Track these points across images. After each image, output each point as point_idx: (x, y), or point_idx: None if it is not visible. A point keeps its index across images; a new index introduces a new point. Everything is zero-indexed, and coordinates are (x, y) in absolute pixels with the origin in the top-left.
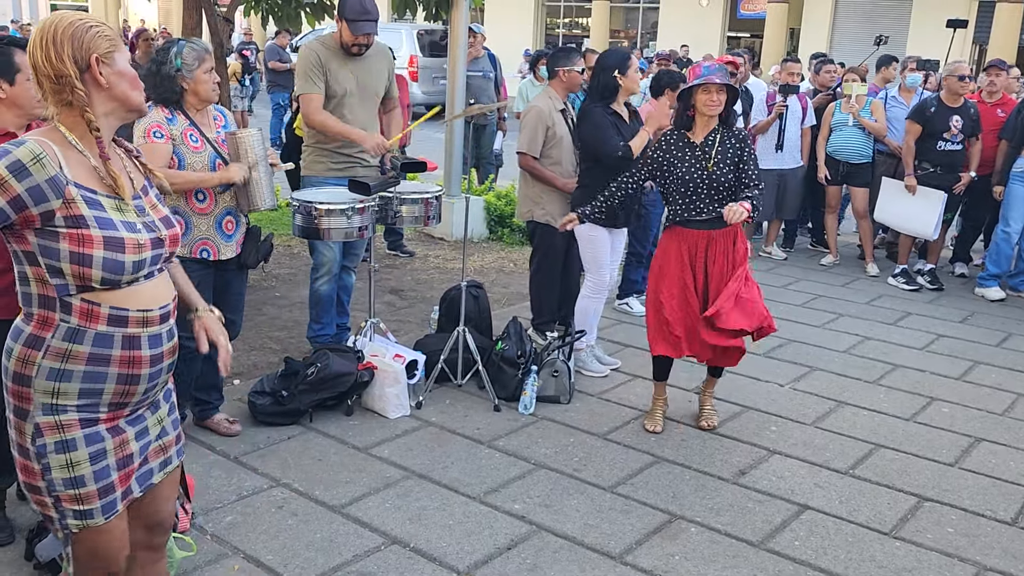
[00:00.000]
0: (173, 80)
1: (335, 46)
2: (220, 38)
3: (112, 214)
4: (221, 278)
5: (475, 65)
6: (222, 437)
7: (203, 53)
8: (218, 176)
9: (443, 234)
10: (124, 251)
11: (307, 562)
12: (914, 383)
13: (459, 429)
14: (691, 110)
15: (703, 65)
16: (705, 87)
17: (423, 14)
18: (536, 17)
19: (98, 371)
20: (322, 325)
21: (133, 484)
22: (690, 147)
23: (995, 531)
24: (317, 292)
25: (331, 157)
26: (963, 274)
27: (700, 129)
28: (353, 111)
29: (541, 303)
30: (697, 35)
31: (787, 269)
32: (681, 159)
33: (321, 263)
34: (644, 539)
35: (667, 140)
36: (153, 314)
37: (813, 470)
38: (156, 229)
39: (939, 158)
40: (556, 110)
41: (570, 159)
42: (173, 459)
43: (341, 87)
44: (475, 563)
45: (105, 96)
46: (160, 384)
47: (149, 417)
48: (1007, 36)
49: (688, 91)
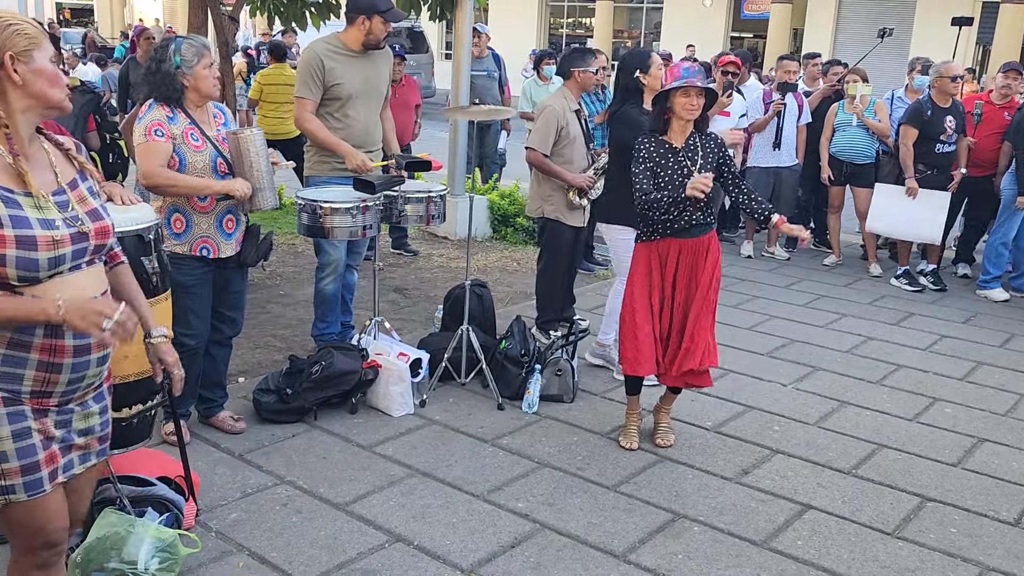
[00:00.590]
0: (173, 77)
1: (342, 47)
2: (225, 36)
3: (29, 212)
4: (221, 276)
5: (479, 65)
6: (227, 434)
7: (202, 49)
8: (221, 186)
9: (447, 233)
10: (37, 249)
11: (311, 560)
12: (917, 383)
13: (463, 427)
14: (667, 113)
15: (682, 67)
16: (684, 90)
17: (427, 14)
18: (540, 17)
19: (18, 356)
20: (327, 324)
21: (60, 468)
22: (672, 152)
23: (998, 531)
24: (323, 291)
25: (335, 157)
26: (966, 275)
27: (678, 133)
28: (358, 112)
29: (546, 301)
30: (701, 35)
31: (790, 269)
32: (665, 166)
33: (327, 262)
34: (647, 538)
35: (647, 147)
36: None
37: (816, 470)
38: (79, 223)
39: (937, 160)
40: (570, 110)
41: (582, 158)
42: (92, 457)
43: (347, 89)
44: (478, 561)
45: (21, 93)
46: (90, 377)
47: (76, 412)
48: (1011, 36)
49: (665, 93)
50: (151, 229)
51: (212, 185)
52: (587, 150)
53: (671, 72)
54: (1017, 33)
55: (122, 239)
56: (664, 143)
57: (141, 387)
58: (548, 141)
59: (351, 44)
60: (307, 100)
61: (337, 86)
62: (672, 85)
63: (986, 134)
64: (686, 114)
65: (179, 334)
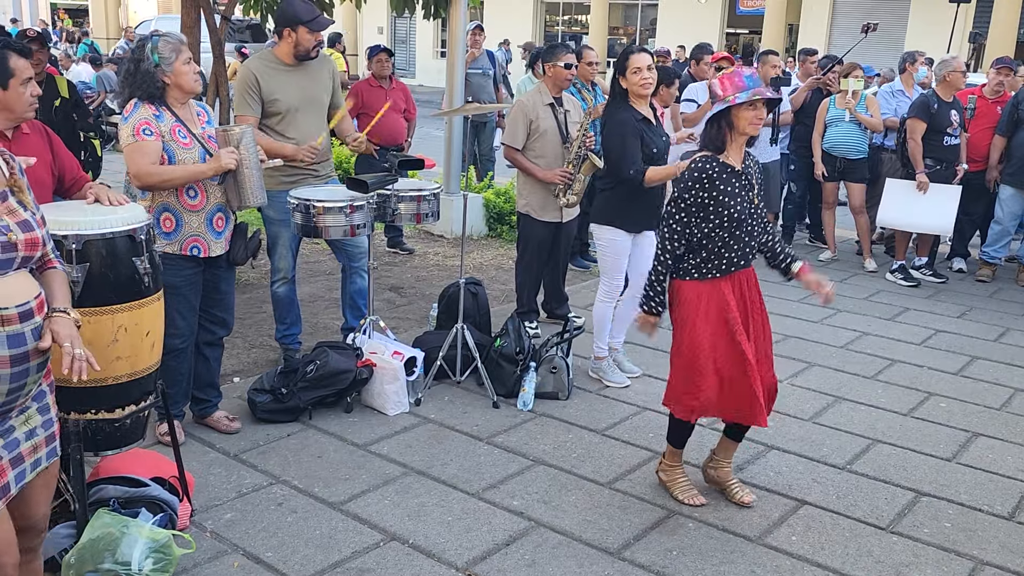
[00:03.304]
0: (153, 76)
1: (276, 61)
2: (219, 36)
3: None
4: (211, 276)
5: (474, 63)
6: (222, 435)
7: (179, 44)
8: (210, 165)
9: (443, 231)
10: None
11: (306, 559)
12: (912, 378)
13: (458, 426)
14: (724, 130)
15: (743, 75)
16: (752, 103)
17: (422, 13)
18: (535, 14)
19: None
20: (286, 325)
21: (10, 481)
22: (736, 177)
23: (992, 526)
24: (276, 294)
25: (281, 171)
26: (961, 269)
27: (736, 152)
28: (298, 126)
29: (521, 292)
30: (696, 31)
31: None
32: (733, 195)
33: (278, 268)
34: (642, 534)
35: (709, 174)
36: (9, 312)
37: (811, 465)
38: (8, 232)
39: (944, 153)
40: (543, 104)
41: (556, 152)
42: (43, 460)
43: (285, 103)
44: (473, 559)
45: None
46: (30, 384)
47: (15, 418)
48: (1006, 31)
49: (728, 108)
50: (142, 229)
51: (204, 168)
52: (564, 144)
53: (730, 82)
54: (1012, 27)
55: (113, 239)
56: (726, 166)
57: (134, 388)
58: (518, 135)
59: (284, 58)
60: (247, 116)
61: (275, 101)
62: (742, 98)
63: (980, 128)
64: (754, 130)
65: (164, 334)
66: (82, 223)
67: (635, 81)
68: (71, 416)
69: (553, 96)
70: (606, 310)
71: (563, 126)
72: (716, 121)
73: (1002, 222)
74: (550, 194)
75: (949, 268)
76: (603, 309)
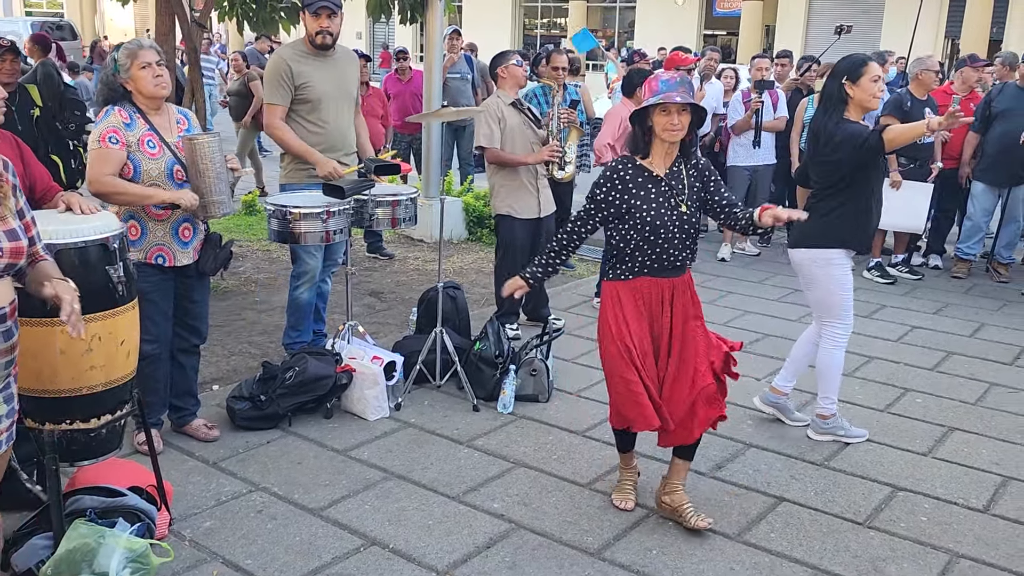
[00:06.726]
0: (115, 83)
1: (307, 50)
2: (194, 43)
3: None
4: (182, 285)
5: (453, 67)
6: (200, 443)
7: (136, 50)
8: (167, 195)
9: (423, 236)
10: None
11: (286, 566)
12: (888, 374)
13: (438, 430)
14: (648, 133)
15: (660, 78)
16: (664, 107)
17: (398, 17)
18: (514, 17)
19: None
20: (300, 332)
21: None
22: (654, 182)
23: (968, 519)
24: (297, 299)
25: (311, 164)
26: (937, 266)
27: (660, 158)
28: (331, 114)
29: (501, 296)
30: (674, 33)
31: (763, 264)
32: (646, 198)
33: (304, 271)
34: (622, 535)
35: (621, 175)
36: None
37: (789, 462)
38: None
39: (918, 152)
40: (506, 104)
41: (524, 148)
42: (3, 444)
43: (318, 91)
44: (454, 562)
45: None
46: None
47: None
48: (979, 30)
49: (642, 111)
50: (115, 238)
51: (159, 195)
52: (535, 136)
53: (649, 85)
54: (984, 26)
55: (85, 248)
56: (643, 169)
57: (109, 397)
58: (494, 135)
59: (308, 47)
60: (277, 106)
61: (307, 88)
62: (648, 101)
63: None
64: (668, 136)
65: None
66: (53, 232)
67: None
68: (46, 427)
69: (513, 97)
70: (839, 358)
71: (530, 119)
72: (634, 124)
73: (974, 218)
74: (526, 190)
75: (925, 265)
76: (837, 357)
